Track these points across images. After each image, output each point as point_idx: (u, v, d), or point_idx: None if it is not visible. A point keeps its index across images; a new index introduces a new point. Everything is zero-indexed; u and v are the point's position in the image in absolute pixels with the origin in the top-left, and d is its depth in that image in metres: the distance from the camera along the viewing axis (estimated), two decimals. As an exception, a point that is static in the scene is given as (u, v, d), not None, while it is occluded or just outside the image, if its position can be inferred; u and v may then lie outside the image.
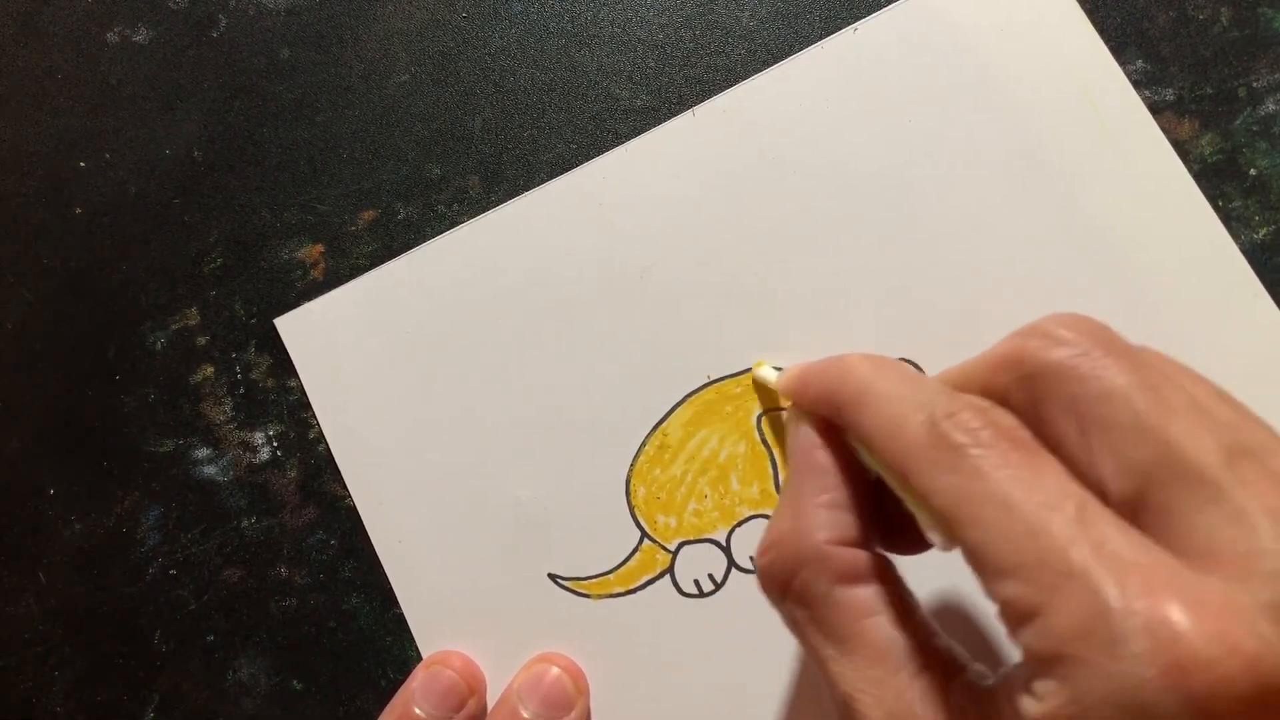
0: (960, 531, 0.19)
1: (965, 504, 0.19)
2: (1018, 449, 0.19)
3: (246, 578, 0.35)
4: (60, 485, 0.36)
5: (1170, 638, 0.16)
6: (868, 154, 0.34)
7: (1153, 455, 0.18)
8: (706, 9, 0.36)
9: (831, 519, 0.22)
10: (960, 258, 0.33)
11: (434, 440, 0.34)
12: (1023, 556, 0.17)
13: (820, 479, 0.23)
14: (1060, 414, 0.20)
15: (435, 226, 0.36)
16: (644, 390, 0.34)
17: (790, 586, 0.22)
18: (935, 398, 0.21)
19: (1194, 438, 0.18)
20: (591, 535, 0.33)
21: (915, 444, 0.20)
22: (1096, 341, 0.20)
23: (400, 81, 0.37)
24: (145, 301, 0.37)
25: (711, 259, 0.34)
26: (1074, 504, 0.18)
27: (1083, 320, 0.21)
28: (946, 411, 0.20)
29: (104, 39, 0.39)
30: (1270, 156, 0.34)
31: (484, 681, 0.33)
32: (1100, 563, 0.17)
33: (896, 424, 0.21)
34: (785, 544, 0.23)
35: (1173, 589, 0.16)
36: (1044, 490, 0.18)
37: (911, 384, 0.22)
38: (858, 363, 0.23)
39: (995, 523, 0.18)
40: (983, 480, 0.19)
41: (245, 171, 0.37)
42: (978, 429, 0.20)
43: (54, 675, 0.35)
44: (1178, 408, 0.19)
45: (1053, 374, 0.20)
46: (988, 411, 0.20)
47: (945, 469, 0.19)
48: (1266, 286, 0.32)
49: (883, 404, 0.22)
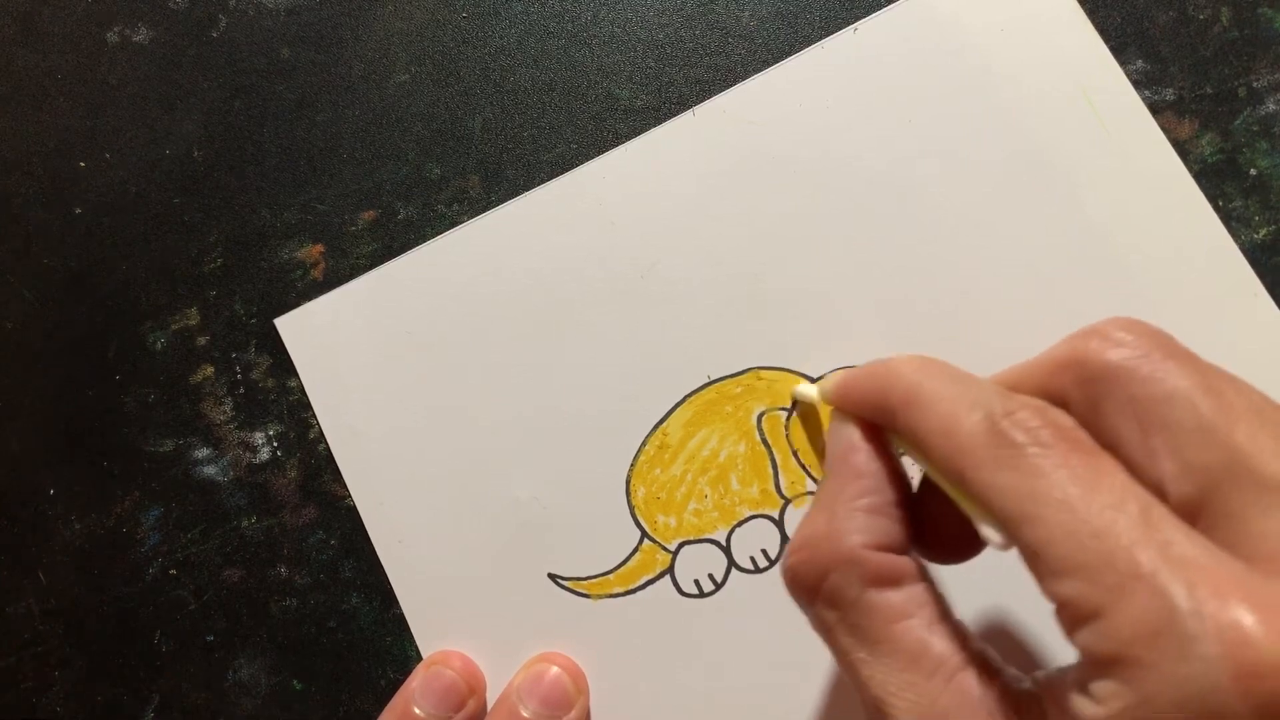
0: (1020, 531, 0.19)
1: (1025, 502, 0.19)
2: (1078, 449, 0.19)
3: (246, 578, 0.35)
4: (60, 485, 0.36)
5: (1241, 642, 0.16)
6: (868, 154, 0.34)
7: (1217, 459, 0.18)
8: (706, 9, 0.36)
9: (868, 523, 0.22)
10: (960, 258, 0.33)
11: (434, 440, 0.34)
12: (1086, 556, 0.17)
13: (859, 482, 0.23)
14: (1121, 416, 0.20)
15: (435, 226, 0.36)
16: (644, 390, 0.34)
17: (821, 588, 0.22)
18: (991, 397, 0.21)
19: (1259, 443, 0.18)
20: (591, 535, 0.33)
21: (972, 443, 0.20)
22: (1156, 344, 0.20)
23: (400, 81, 0.37)
24: (145, 301, 0.37)
25: (711, 259, 0.34)
26: (1138, 505, 0.18)
27: (1141, 324, 0.21)
28: (1005, 410, 0.20)
29: (104, 39, 0.39)
30: (1270, 156, 0.34)
31: (484, 681, 0.33)
32: (1168, 564, 0.17)
33: (952, 423, 0.21)
34: (818, 545, 0.22)
35: (1241, 593, 0.16)
36: (1107, 491, 0.18)
37: (965, 384, 0.22)
38: (907, 363, 0.23)
39: (1057, 522, 0.18)
40: (1043, 479, 0.19)
41: (245, 171, 0.37)
42: (1037, 428, 0.20)
43: (54, 675, 0.35)
44: (1242, 412, 0.19)
45: (1113, 375, 0.20)
46: (1046, 411, 0.20)
47: (1004, 467, 0.19)
48: (1266, 286, 0.32)
49: (936, 404, 0.22)
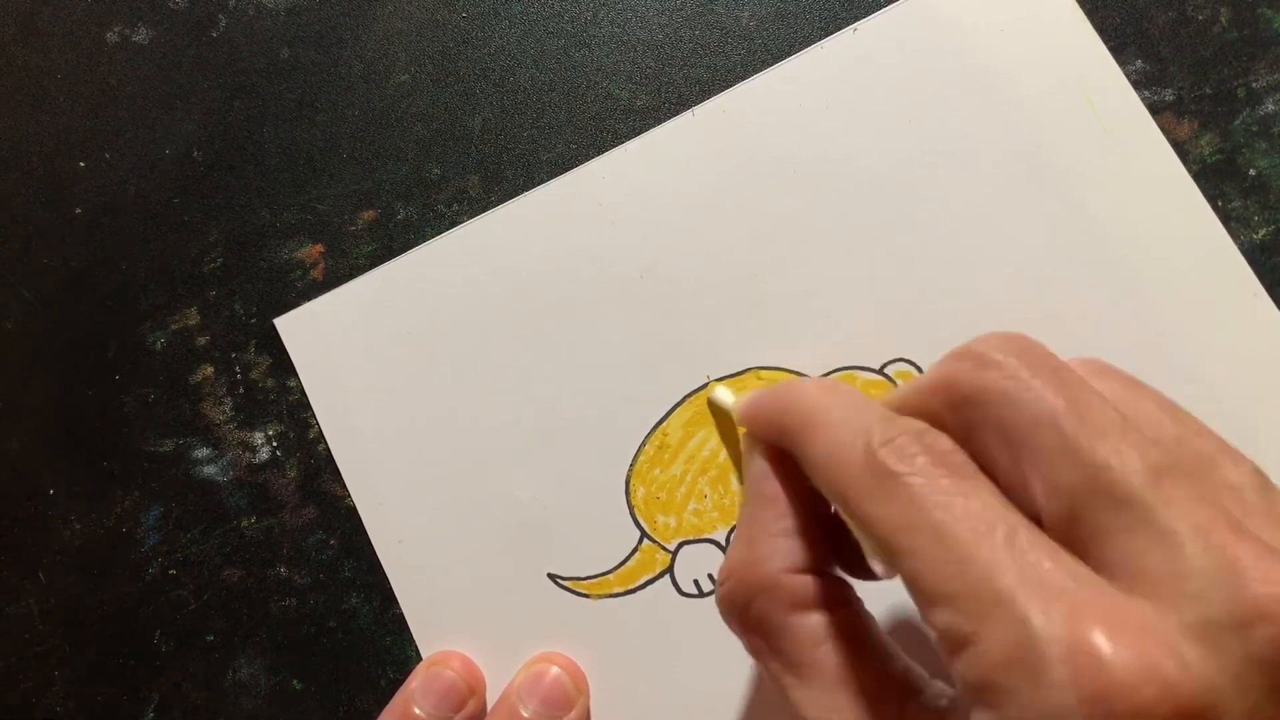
0: (898, 560, 0.19)
1: (900, 533, 0.19)
2: (951, 474, 0.19)
3: (246, 578, 0.35)
4: (60, 485, 0.36)
5: (1092, 665, 0.16)
6: (867, 154, 0.34)
7: (1080, 478, 0.18)
8: (706, 9, 0.36)
9: (785, 547, 0.23)
10: (960, 258, 0.33)
11: (434, 440, 0.34)
12: (953, 585, 0.17)
13: (772, 508, 0.23)
14: (992, 438, 0.20)
15: (435, 226, 0.36)
16: (644, 390, 0.34)
17: (748, 616, 0.22)
18: (874, 423, 0.21)
19: (1120, 458, 0.18)
20: (591, 535, 0.33)
21: (854, 473, 0.20)
22: (1027, 361, 0.20)
23: (400, 81, 0.37)
24: (145, 301, 0.37)
25: (711, 259, 0.34)
26: (1004, 529, 0.18)
27: (1014, 340, 0.21)
28: (883, 438, 0.20)
29: (104, 39, 0.39)
30: (1270, 156, 0.34)
31: (484, 682, 0.33)
32: (1026, 589, 0.17)
33: (837, 453, 0.21)
34: (740, 573, 0.23)
35: (1098, 614, 0.16)
36: (974, 516, 0.18)
37: (853, 410, 0.22)
38: (804, 390, 0.23)
39: (927, 552, 0.18)
40: (916, 509, 0.19)
41: (245, 171, 0.37)
42: (913, 455, 0.20)
43: (54, 675, 0.35)
44: (1106, 429, 0.19)
45: (982, 398, 0.20)
46: (923, 435, 0.20)
47: (881, 498, 0.19)
48: (1266, 286, 0.32)
49: (825, 432, 0.22)
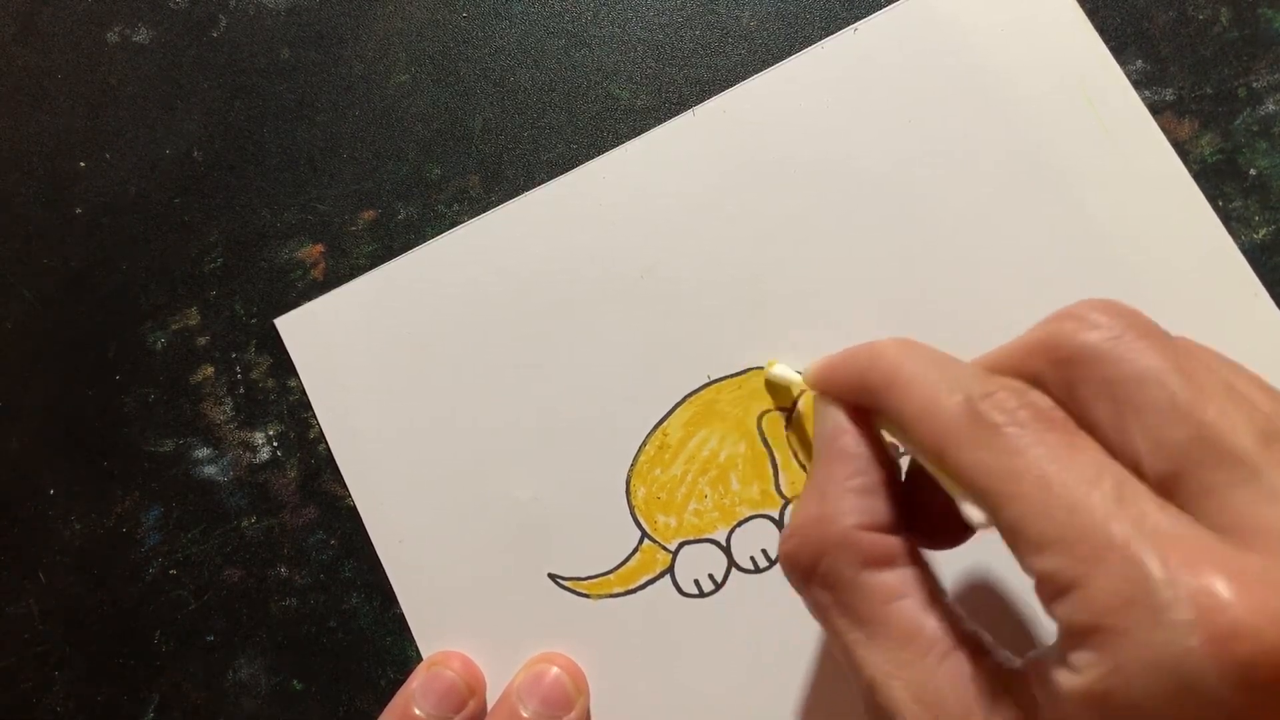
0: (998, 508, 0.19)
1: (1003, 480, 0.19)
2: (1054, 428, 0.19)
3: (246, 578, 0.35)
4: (60, 485, 0.36)
5: (1214, 608, 0.16)
6: (868, 154, 0.34)
7: (1188, 436, 0.18)
8: (706, 9, 0.36)
9: (859, 504, 0.22)
10: (960, 258, 0.33)
11: (434, 440, 0.34)
12: (1062, 531, 0.18)
13: (848, 464, 0.23)
14: (1095, 396, 0.20)
15: (435, 226, 0.36)
16: (644, 390, 0.34)
17: (815, 571, 0.22)
18: (970, 380, 0.21)
19: (1229, 419, 0.18)
20: (591, 535, 0.33)
21: (952, 423, 0.20)
22: (1130, 325, 0.21)
23: (400, 81, 0.37)
24: (145, 301, 0.37)
25: (711, 259, 0.34)
26: (1112, 480, 0.18)
27: (1116, 305, 0.21)
28: (983, 392, 0.20)
29: (104, 39, 0.39)
30: (1270, 156, 0.34)
31: (484, 682, 0.33)
32: (1141, 536, 0.17)
33: (932, 404, 0.21)
34: (811, 529, 0.23)
35: (1215, 562, 0.16)
36: (1082, 467, 0.18)
37: (945, 366, 0.22)
38: (888, 346, 0.23)
39: (1034, 498, 0.18)
40: (1020, 457, 0.19)
41: (245, 171, 0.37)
42: (1014, 409, 0.20)
43: (54, 675, 0.35)
44: (1212, 391, 0.19)
45: (1087, 357, 0.20)
46: (1024, 392, 0.20)
47: (982, 446, 0.20)
48: (1266, 286, 0.32)
49: (917, 385, 0.22)
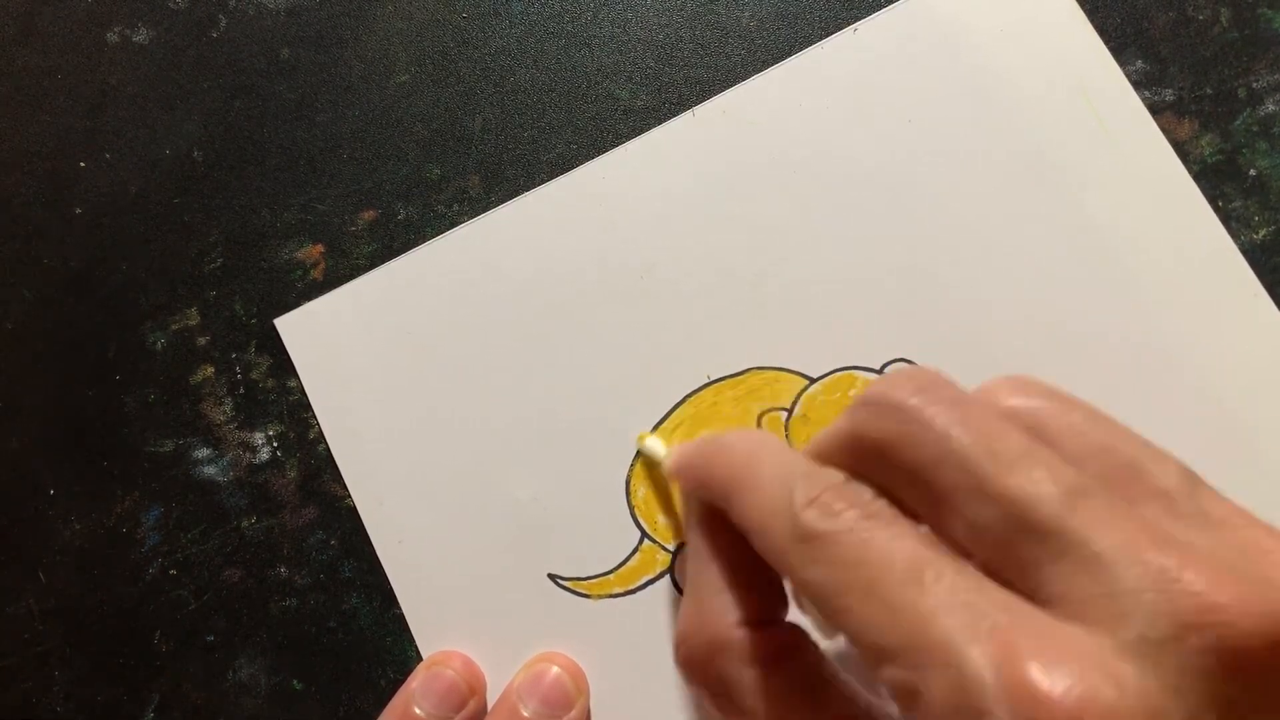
0: (836, 623, 0.19)
1: (835, 594, 0.19)
2: (877, 524, 0.19)
3: (246, 578, 0.35)
4: (60, 485, 0.36)
5: (1030, 701, 0.15)
6: (868, 154, 0.34)
7: (995, 514, 0.18)
8: (706, 9, 0.36)
9: (731, 602, 0.23)
10: (960, 258, 0.33)
11: (434, 440, 0.34)
12: (891, 638, 0.17)
13: (713, 565, 0.23)
14: (906, 483, 0.20)
15: (435, 226, 0.36)
16: (644, 390, 0.34)
17: (708, 675, 0.22)
18: (797, 482, 0.21)
19: (1033, 486, 0.18)
20: (591, 535, 0.33)
21: (782, 538, 0.20)
22: (928, 400, 0.20)
23: (400, 81, 0.37)
24: (145, 301, 0.37)
25: (711, 259, 0.34)
26: (931, 573, 0.18)
27: (914, 377, 0.20)
28: (806, 498, 0.20)
29: (104, 39, 0.39)
30: (1270, 157, 0.34)
31: (484, 681, 0.33)
32: (961, 631, 0.17)
33: (764, 517, 0.21)
34: (693, 637, 0.23)
35: (1030, 646, 0.16)
36: (903, 564, 0.18)
37: (777, 467, 0.22)
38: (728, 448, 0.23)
39: (862, 610, 0.18)
40: (844, 568, 0.19)
41: (245, 171, 0.37)
42: (837, 511, 0.19)
43: (54, 675, 0.35)
44: (1014, 458, 0.18)
45: (888, 447, 0.20)
46: (845, 489, 0.20)
47: (810, 562, 0.19)
48: (1266, 287, 0.32)
49: (751, 495, 0.22)
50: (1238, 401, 0.32)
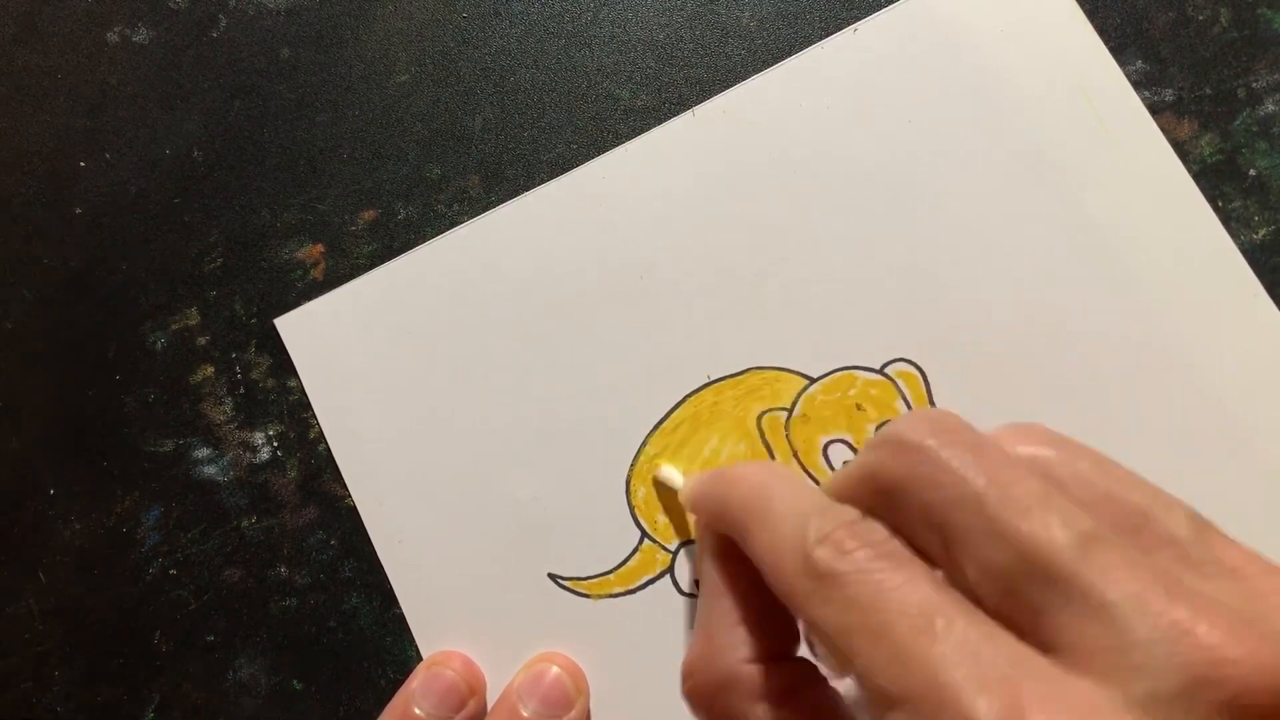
0: (844, 665, 0.19)
1: (843, 637, 0.18)
2: (886, 566, 0.19)
3: (246, 578, 0.35)
4: (60, 485, 0.36)
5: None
6: (868, 154, 0.34)
7: (1008, 558, 0.18)
8: (706, 9, 0.36)
9: (743, 637, 0.22)
10: (960, 258, 0.33)
11: (434, 440, 0.34)
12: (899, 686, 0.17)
13: (725, 599, 0.23)
14: (919, 525, 0.20)
15: (435, 226, 0.36)
16: (644, 390, 0.34)
17: (714, 711, 0.22)
18: (810, 518, 0.20)
19: (1046, 531, 0.18)
20: (591, 535, 0.33)
21: (794, 576, 0.20)
22: (944, 442, 0.20)
23: (400, 81, 0.37)
24: (145, 301, 0.37)
25: (711, 259, 0.34)
26: (942, 620, 0.18)
27: (931, 420, 0.20)
28: (819, 535, 0.20)
29: (104, 39, 0.39)
30: (1270, 157, 0.34)
31: (484, 682, 0.33)
32: (968, 682, 0.16)
33: (776, 554, 0.21)
34: (701, 671, 0.23)
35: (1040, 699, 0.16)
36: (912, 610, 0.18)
37: (791, 502, 0.22)
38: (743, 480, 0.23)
39: (871, 654, 0.18)
40: (855, 610, 0.19)
41: (245, 171, 0.37)
42: (849, 551, 0.19)
43: (54, 675, 0.35)
44: (1028, 503, 0.18)
45: (902, 487, 0.20)
46: (856, 528, 0.20)
47: (821, 601, 0.19)
48: (1266, 287, 0.32)
49: (764, 530, 0.22)
50: (1238, 401, 0.32)
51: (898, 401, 0.33)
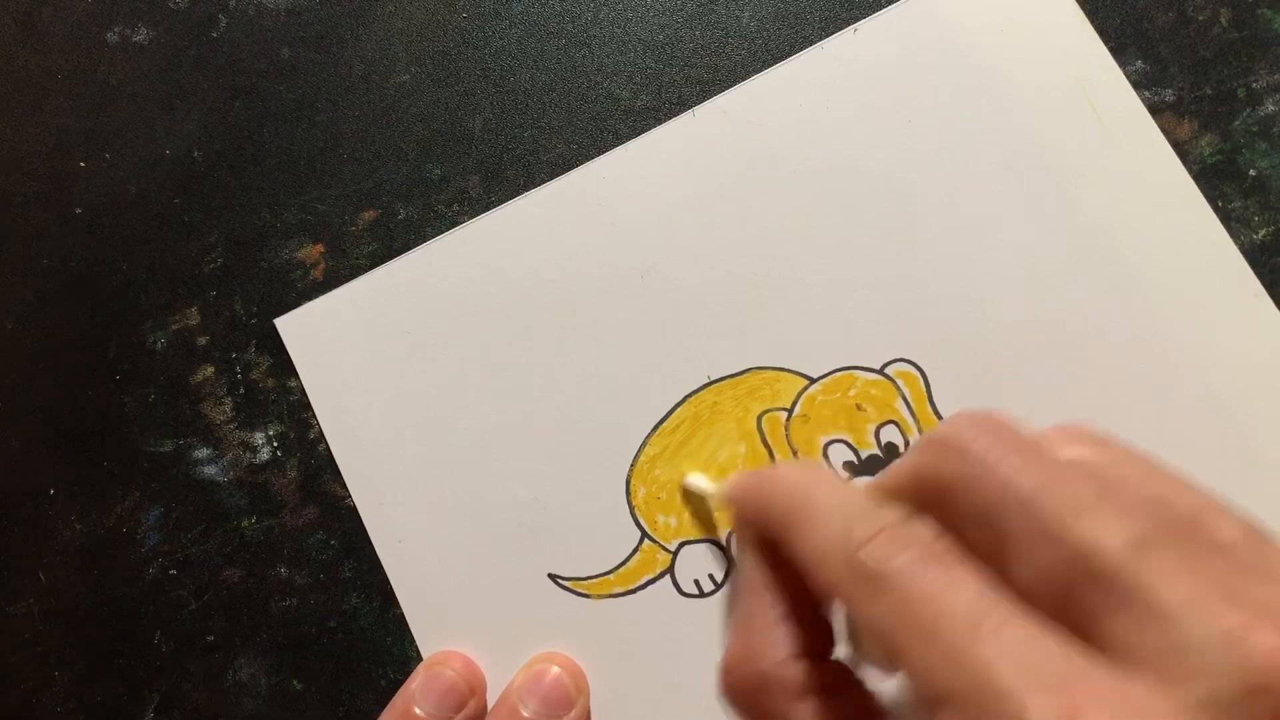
0: (893, 663, 0.19)
1: (892, 634, 0.18)
2: (936, 566, 0.19)
3: (246, 578, 0.35)
4: (60, 485, 0.36)
5: None
6: (867, 154, 0.34)
7: (1061, 560, 0.18)
8: (706, 9, 0.36)
9: (782, 635, 0.22)
10: (960, 258, 0.33)
11: (434, 440, 0.34)
12: (950, 684, 0.17)
13: (764, 596, 0.23)
14: (972, 525, 0.20)
15: (435, 226, 0.36)
16: (644, 390, 0.34)
17: (754, 708, 0.22)
18: (857, 519, 0.20)
19: (1100, 533, 0.18)
20: (592, 535, 0.33)
21: (841, 573, 0.20)
22: (996, 441, 0.20)
23: (400, 81, 0.37)
24: (145, 301, 0.37)
25: (711, 259, 0.34)
26: (994, 621, 0.18)
27: (981, 421, 0.20)
28: (866, 534, 0.20)
29: (104, 39, 0.39)
30: (1270, 157, 0.34)
31: (484, 682, 0.33)
32: (1023, 682, 0.16)
33: (821, 552, 0.21)
34: (739, 669, 0.23)
35: (1096, 702, 0.16)
36: (963, 610, 0.18)
37: (836, 501, 0.22)
38: (785, 479, 0.23)
39: (921, 651, 0.18)
40: (904, 608, 0.18)
41: (245, 171, 0.37)
42: (897, 551, 0.19)
43: (54, 675, 0.35)
44: (1082, 505, 0.18)
45: (954, 487, 0.20)
46: (905, 527, 0.20)
47: (869, 599, 0.19)
48: (1266, 286, 0.32)
49: (809, 529, 0.22)
50: (1238, 401, 0.32)
51: (898, 401, 0.33)
